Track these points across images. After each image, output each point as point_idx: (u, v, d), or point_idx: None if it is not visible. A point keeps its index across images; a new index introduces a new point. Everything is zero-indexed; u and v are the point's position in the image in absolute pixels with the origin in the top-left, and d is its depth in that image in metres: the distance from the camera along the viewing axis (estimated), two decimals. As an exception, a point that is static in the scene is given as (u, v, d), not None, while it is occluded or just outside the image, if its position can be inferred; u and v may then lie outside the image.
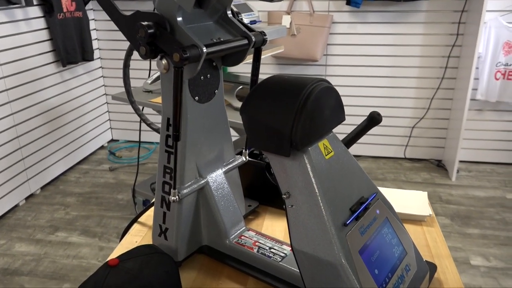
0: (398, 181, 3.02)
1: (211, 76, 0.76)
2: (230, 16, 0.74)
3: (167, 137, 0.75)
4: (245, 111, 0.64)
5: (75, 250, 2.30)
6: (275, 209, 0.99)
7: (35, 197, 2.85)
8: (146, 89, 2.20)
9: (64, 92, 3.10)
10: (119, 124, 3.74)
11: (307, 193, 0.61)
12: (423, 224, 0.93)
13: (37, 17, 2.79)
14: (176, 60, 0.62)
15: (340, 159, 0.66)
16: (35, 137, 2.84)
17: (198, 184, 0.77)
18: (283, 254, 0.76)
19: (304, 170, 0.61)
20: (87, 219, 2.59)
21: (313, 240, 0.60)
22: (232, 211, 0.82)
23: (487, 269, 2.12)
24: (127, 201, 2.77)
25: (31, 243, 2.36)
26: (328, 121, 0.65)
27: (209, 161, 0.80)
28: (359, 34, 3.09)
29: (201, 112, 0.76)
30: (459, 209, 2.66)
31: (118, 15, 0.68)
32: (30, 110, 2.78)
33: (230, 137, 0.85)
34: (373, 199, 0.67)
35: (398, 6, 2.97)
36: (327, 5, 3.06)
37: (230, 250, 0.80)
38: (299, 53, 3.05)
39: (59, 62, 2.98)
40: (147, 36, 0.63)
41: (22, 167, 2.74)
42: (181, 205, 0.77)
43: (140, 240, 0.88)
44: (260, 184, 0.98)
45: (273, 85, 0.63)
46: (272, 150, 0.62)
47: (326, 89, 0.62)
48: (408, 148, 3.32)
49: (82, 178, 3.11)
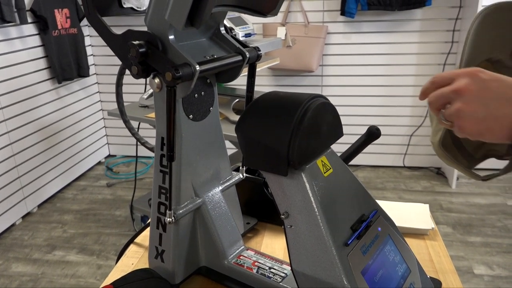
0: (398, 190, 3.00)
1: (205, 94, 0.74)
2: (224, 32, 0.73)
3: (162, 156, 0.73)
4: (240, 130, 0.62)
5: (72, 269, 2.26)
6: (275, 225, 0.97)
7: (32, 216, 2.81)
8: (142, 104, 2.19)
9: (60, 108, 3.09)
10: (116, 140, 3.72)
11: (306, 213, 0.59)
12: (426, 238, 0.91)
13: (32, 35, 2.79)
14: (168, 79, 0.60)
15: (339, 176, 0.64)
16: (31, 154, 2.82)
17: (194, 204, 0.75)
18: (284, 274, 0.74)
19: (303, 189, 0.59)
20: (84, 236, 2.56)
21: (314, 261, 0.59)
22: (230, 230, 0.80)
23: (491, 278, 2.09)
24: (125, 218, 2.74)
25: (28, 263, 2.32)
26: (326, 137, 0.63)
27: (206, 180, 0.78)
28: (354, 44, 3.09)
29: (196, 130, 0.74)
30: (460, 217, 2.64)
31: (109, 34, 0.67)
32: (26, 128, 2.77)
33: (227, 154, 0.83)
34: (374, 216, 0.65)
35: (393, 15, 2.98)
36: (321, 16, 3.07)
37: (229, 271, 0.77)
38: (295, 64, 3.05)
39: (54, 79, 2.97)
40: (138, 55, 0.62)
41: (19, 185, 2.71)
42: (178, 226, 0.74)
43: (136, 262, 0.86)
44: (258, 200, 0.96)
45: (268, 103, 0.61)
46: (269, 169, 0.61)
47: (322, 105, 0.61)
48: (407, 157, 3.31)
49: (79, 195, 3.08)
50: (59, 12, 2.91)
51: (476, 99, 0.53)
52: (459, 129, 0.56)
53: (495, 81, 0.54)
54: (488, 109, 0.53)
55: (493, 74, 0.54)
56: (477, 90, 0.53)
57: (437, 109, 0.58)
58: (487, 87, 0.53)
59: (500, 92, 0.53)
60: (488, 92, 0.53)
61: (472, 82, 0.54)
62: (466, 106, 0.54)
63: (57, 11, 2.89)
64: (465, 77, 0.55)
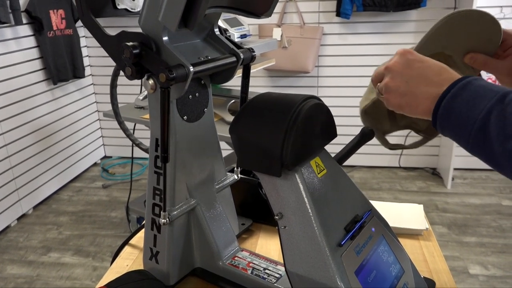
0: (394, 191, 3.01)
1: (199, 95, 0.74)
2: (218, 33, 0.73)
3: (156, 158, 0.73)
4: (234, 131, 0.62)
5: (68, 271, 2.25)
6: (270, 226, 0.97)
7: (27, 217, 2.80)
8: (137, 105, 2.19)
9: (56, 110, 3.08)
10: (112, 141, 3.71)
11: (300, 214, 0.59)
12: (420, 238, 0.92)
13: (27, 36, 2.78)
14: (162, 80, 0.60)
15: (333, 177, 0.65)
16: (27, 156, 2.81)
17: (189, 205, 0.75)
18: (278, 275, 0.74)
19: (296, 189, 0.59)
20: (80, 238, 2.55)
21: (307, 262, 0.59)
22: (224, 232, 0.80)
23: (486, 278, 2.10)
24: (121, 219, 2.74)
25: (23, 265, 2.31)
26: (319, 138, 0.63)
27: (200, 181, 0.78)
28: (349, 45, 3.10)
29: (191, 132, 0.74)
30: (455, 217, 2.65)
31: (103, 35, 0.67)
32: (21, 129, 2.76)
33: (221, 156, 0.83)
34: (367, 217, 0.66)
35: (388, 16, 2.99)
36: (317, 17, 3.08)
37: (224, 272, 0.77)
38: (291, 65, 3.06)
39: (50, 80, 2.96)
40: (132, 56, 0.62)
41: (14, 187, 2.70)
42: (172, 227, 0.74)
43: (131, 263, 0.86)
44: (253, 201, 0.96)
45: (262, 104, 0.62)
46: (263, 170, 0.61)
47: (316, 106, 0.61)
48: (402, 157, 3.32)
49: (75, 197, 3.07)
50: (54, 13, 2.90)
51: (400, 75, 0.60)
52: (386, 102, 0.63)
53: (419, 61, 0.59)
54: (408, 85, 0.59)
55: (419, 56, 0.60)
56: (401, 68, 0.60)
57: (376, 84, 0.66)
58: (411, 66, 0.59)
59: (421, 71, 0.58)
60: (410, 70, 0.59)
61: (399, 61, 0.60)
62: (391, 81, 0.61)
63: (52, 12, 2.88)
64: (396, 56, 0.61)
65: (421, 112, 0.59)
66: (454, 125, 0.54)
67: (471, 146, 0.53)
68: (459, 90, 0.54)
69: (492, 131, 0.49)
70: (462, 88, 0.54)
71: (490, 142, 0.50)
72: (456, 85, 0.54)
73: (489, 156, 0.51)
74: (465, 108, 0.52)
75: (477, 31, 0.66)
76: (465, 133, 0.52)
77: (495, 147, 0.49)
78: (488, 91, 0.52)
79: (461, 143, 0.55)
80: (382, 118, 0.75)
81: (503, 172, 0.51)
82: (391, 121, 0.76)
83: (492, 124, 0.49)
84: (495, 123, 0.49)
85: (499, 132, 0.49)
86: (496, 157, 0.50)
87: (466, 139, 0.53)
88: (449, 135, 0.56)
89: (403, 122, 0.76)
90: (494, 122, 0.49)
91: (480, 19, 0.65)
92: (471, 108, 0.52)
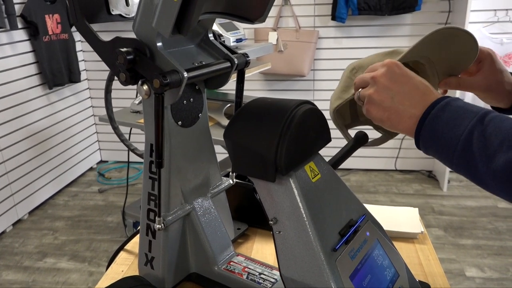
0: (390, 193, 3.01)
1: (194, 100, 0.74)
2: (212, 39, 0.74)
3: (151, 163, 0.73)
4: (228, 136, 0.63)
5: (64, 276, 2.24)
6: (265, 231, 0.97)
7: (22, 223, 2.79)
8: (133, 110, 2.18)
9: (51, 114, 3.07)
10: (108, 145, 3.70)
11: (294, 219, 0.59)
12: (415, 242, 0.92)
13: (22, 40, 2.77)
14: (156, 86, 0.60)
15: (327, 181, 0.65)
16: (22, 161, 2.80)
17: (184, 210, 0.75)
18: (273, 280, 0.74)
19: (291, 194, 0.59)
20: (76, 243, 2.54)
21: (302, 267, 0.59)
22: (220, 236, 0.80)
23: (482, 280, 2.11)
24: (117, 224, 2.73)
25: (18, 270, 2.30)
26: (313, 143, 0.63)
27: (195, 186, 0.78)
28: (345, 48, 3.11)
29: (185, 137, 0.74)
30: (452, 220, 2.65)
31: (97, 41, 0.67)
32: (17, 134, 2.75)
33: (216, 160, 0.83)
34: (362, 221, 0.66)
35: (383, 20, 3.01)
36: (312, 21, 3.09)
37: (219, 277, 0.77)
38: (286, 69, 3.07)
39: (45, 85, 2.96)
40: (126, 62, 0.62)
41: (9, 192, 2.69)
42: (167, 232, 0.74)
43: (126, 269, 0.86)
44: (249, 206, 0.96)
45: (256, 109, 0.62)
46: (257, 175, 0.61)
47: (309, 111, 0.61)
48: (398, 160, 3.33)
49: (71, 201, 3.06)
50: (50, 18, 2.90)
51: (386, 90, 0.59)
52: (366, 111, 0.62)
53: (405, 76, 0.59)
54: (393, 101, 0.58)
55: (406, 71, 0.60)
56: (388, 82, 0.59)
57: (357, 89, 0.65)
58: (397, 81, 0.59)
59: (407, 89, 0.58)
60: (396, 86, 0.59)
61: (386, 73, 0.59)
62: (376, 94, 0.60)
63: (47, 16, 2.88)
64: (384, 67, 0.60)
65: (402, 129, 0.59)
66: (437, 146, 0.54)
67: (455, 166, 0.54)
68: (439, 111, 0.54)
69: (475, 152, 0.50)
70: (442, 109, 0.54)
71: (474, 163, 0.51)
72: (435, 106, 0.55)
73: (475, 175, 0.52)
74: (446, 129, 0.53)
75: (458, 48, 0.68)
76: (449, 154, 0.53)
77: (479, 167, 0.50)
78: (468, 112, 0.53)
79: (445, 163, 0.55)
80: (347, 114, 0.78)
81: (489, 190, 0.52)
82: (353, 117, 0.78)
83: (474, 145, 0.51)
84: (477, 144, 0.50)
85: (481, 153, 0.50)
86: (481, 176, 0.51)
87: (450, 159, 0.54)
88: (433, 155, 0.57)
89: (363, 117, 0.77)
90: (476, 143, 0.50)
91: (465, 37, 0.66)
92: (452, 129, 0.53)
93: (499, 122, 0.50)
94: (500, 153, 0.48)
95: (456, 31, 0.66)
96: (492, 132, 0.50)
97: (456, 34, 0.66)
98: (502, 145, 0.48)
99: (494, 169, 0.49)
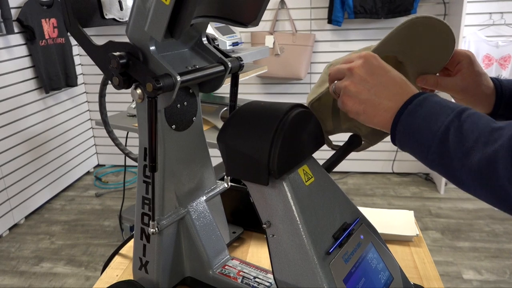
0: (387, 196, 3.01)
1: (188, 104, 0.74)
2: (206, 42, 0.74)
3: (145, 167, 0.73)
4: (221, 140, 0.63)
5: (60, 281, 2.23)
6: (260, 234, 0.97)
7: (19, 227, 2.78)
8: (130, 114, 2.18)
9: (48, 118, 3.07)
10: (105, 149, 3.70)
11: (288, 222, 0.59)
12: (411, 245, 0.92)
13: (19, 45, 2.77)
14: (149, 90, 0.60)
15: (321, 185, 0.65)
16: (18, 165, 2.79)
17: (178, 214, 0.75)
18: (268, 284, 0.74)
19: (284, 198, 0.59)
20: (72, 247, 2.53)
21: (296, 270, 0.59)
22: (214, 240, 0.79)
23: (480, 283, 2.11)
24: (114, 228, 2.72)
25: (14, 275, 2.29)
26: (306, 146, 0.63)
27: (189, 190, 0.78)
28: (341, 51, 3.12)
29: (179, 141, 0.74)
30: (449, 223, 2.66)
31: (90, 45, 0.67)
32: (13, 138, 2.74)
33: (211, 164, 0.83)
34: (356, 224, 0.66)
35: (379, 23, 3.02)
36: (309, 25, 3.10)
37: (214, 281, 0.77)
38: (283, 72, 3.07)
39: (42, 89, 2.95)
40: (119, 66, 0.62)
41: (5, 196, 2.68)
42: (161, 236, 0.74)
43: (121, 273, 0.85)
44: (244, 209, 0.96)
45: (249, 113, 0.62)
46: (251, 179, 0.61)
47: (303, 114, 0.61)
48: (395, 163, 3.33)
49: (67, 206, 3.05)
50: (46, 22, 2.90)
51: (363, 82, 0.58)
52: (342, 104, 0.61)
53: (382, 68, 0.58)
54: (370, 94, 0.57)
55: (383, 63, 0.59)
56: (365, 74, 0.58)
57: (332, 80, 0.63)
58: (375, 73, 0.58)
59: (384, 81, 0.57)
60: (374, 78, 0.57)
61: (363, 65, 0.58)
62: (353, 85, 0.58)
63: (44, 21, 2.88)
64: (361, 59, 0.59)
65: (377, 123, 0.58)
66: (413, 141, 0.54)
67: (430, 162, 0.53)
68: (416, 106, 0.54)
69: (451, 147, 0.50)
70: (419, 104, 0.54)
71: (449, 159, 0.50)
72: (413, 101, 0.54)
73: (449, 172, 0.51)
74: (423, 124, 0.52)
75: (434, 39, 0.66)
76: (424, 149, 0.53)
77: (454, 163, 0.50)
78: (445, 108, 0.52)
79: (420, 159, 0.55)
80: (326, 118, 0.76)
81: (464, 188, 0.51)
82: (334, 122, 0.76)
83: (450, 141, 0.50)
84: (453, 139, 0.50)
85: (457, 149, 0.49)
86: (456, 173, 0.50)
87: (425, 155, 0.53)
88: (408, 151, 0.56)
89: (346, 125, 0.76)
90: (452, 139, 0.50)
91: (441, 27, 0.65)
92: (429, 124, 0.52)
93: (477, 118, 0.50)
94: (476, 149, 0.48)
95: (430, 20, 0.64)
96: (469, 128, 0.49)
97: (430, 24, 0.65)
98: (477, 141, 0.48)
99: (469, 166, 0.48)
